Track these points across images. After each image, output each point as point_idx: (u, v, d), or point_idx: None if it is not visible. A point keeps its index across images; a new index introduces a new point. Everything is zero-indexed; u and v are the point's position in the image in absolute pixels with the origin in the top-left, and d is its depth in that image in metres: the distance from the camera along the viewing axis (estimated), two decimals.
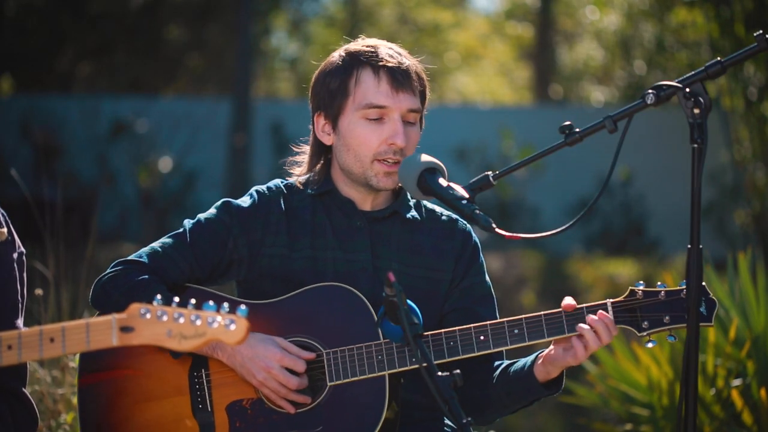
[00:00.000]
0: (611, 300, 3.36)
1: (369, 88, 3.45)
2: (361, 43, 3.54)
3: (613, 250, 17.13)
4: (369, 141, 3.45)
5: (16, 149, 16.44)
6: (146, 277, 3.42)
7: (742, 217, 13.66)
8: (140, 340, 2.67)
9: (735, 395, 5.16)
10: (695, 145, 3.12)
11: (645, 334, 3.33)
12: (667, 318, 3.32)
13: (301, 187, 3.58)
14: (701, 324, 3.28)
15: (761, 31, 3.18)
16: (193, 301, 2.68)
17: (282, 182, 3.61)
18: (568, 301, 3.35)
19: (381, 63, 3.45)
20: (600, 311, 3.31)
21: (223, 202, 3.56)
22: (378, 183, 3.47)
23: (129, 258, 3.50)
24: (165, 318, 2.66)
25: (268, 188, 3.59)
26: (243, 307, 2.65)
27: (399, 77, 3.44)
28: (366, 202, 3.56)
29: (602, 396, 5.62)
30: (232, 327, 2.63)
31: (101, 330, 2.69)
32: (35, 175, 15.41)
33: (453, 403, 2.97)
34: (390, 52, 3.49)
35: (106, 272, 3.48)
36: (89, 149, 17.09)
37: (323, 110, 3.53)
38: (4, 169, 15.66)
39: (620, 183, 17.34)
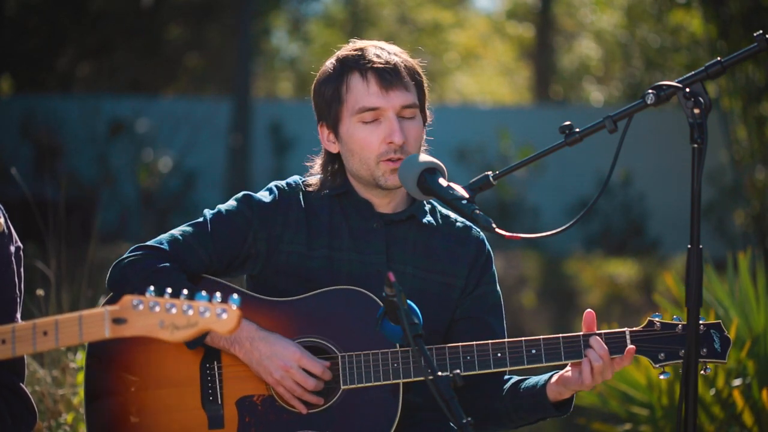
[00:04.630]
0: (629, 329, 3.36)
1: (359, 92, 3.44)
2: (350, 48, 3.52)
3: (613, 250, 17.13)
4: (369, 144, 3.44)
5: (16, 149, 16.44)
6: (167, 264, 3.40)
7: (741, 217, 13.66)
8: (133, 332, 2.66)
9: (736, 395, 5.16)
10: (695, 145, 3.11)
11: (660, 365, 3.35)
12: (682, 352, 3.32)
13: (319, 185, 3.57)
14: (714, 360, 3.32)
15: (761, 31, 3.18)
16: (185, 291, 2.68)
17: (301, 179, 3.60)
18: (589, 312, 3.37)
19: (368, 65, 3.44)
20: (595, 338, 3.32)
21: (244, 195, 3.54)
22: (386, 182, 3.46)
23: (149, 243, 3.47)
24: (157, 309, 2.65)
25: (288, 184, 3.57)
26: (235, 296, 2.65)
27: (387, 76, 3.43)
28: (383, 205, 3.55)
29: (601, 395, 5.62)
30: (224, 316, 2.63)
31: (94, 322, 2.69)
32: (35, 175, 15.42)
33: (453, 403, 2.97)
34: (377, 51, 3.48)
35: (126, 256, 3.45)
36: (89, 149, 17.08)
37: (324, 120, 3.53)
38: (4, 169, 15.65)
39: (620, 183, 17.34)
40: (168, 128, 16.69)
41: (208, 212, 3.53)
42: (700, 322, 3.29)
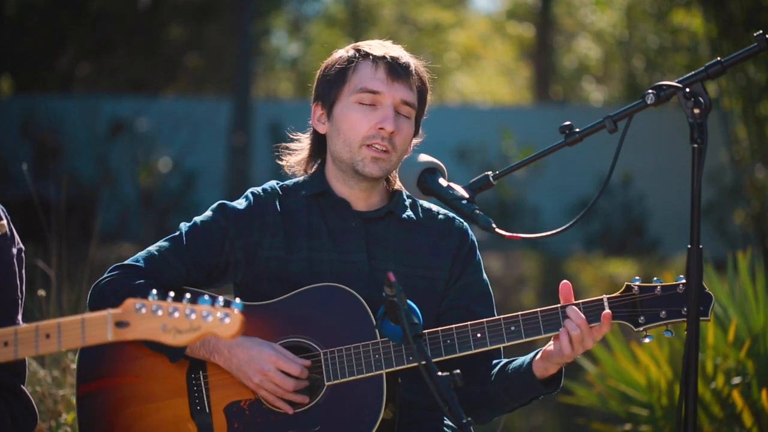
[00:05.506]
0: (607, 296, 3.35)
1: (366, 74, 3.48)
2: (369, 41, 3.59)
3: (613, 250, 17.15)
4: (359, 125, 3.46)
5: (16, 149, 16.45)
6: (143, 281, 3.42)
7: (741, 217, 13.67)
8: (135, 335, 2.66)
9: (735, 395, 5.17)
10: (695, 145, 3.12)
11: (642, 329, 3.33)
12: (663, 313, 3.31)
13: (295, 187, 3.59)
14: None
15: (761, 31, 3.18)
16: (188, 295, 2.68)
17: (277, 184, 3.62)
18: (565, 283, 3.36)
19: (382, 55, 3.49)
20: (571, 308, 3.31)
21: (219, 204, 3.56)
22: (364, 168, 3.47)
23: (126, 262, 3.50)
24: (160, 312, 2.65)
25: (263, 190, 3.59)
26: (238, 301, 2.65)
27: (397, 69, 3.48)
28: (360, 201, 3.55)
29: (601, 396, 5.62)
30: (227, 320, 2.63)
31: (97, 325, 2.69)
32: (35, 175, 15.42)
33: (453, 403, 2.97)
34: (395, 48, 3.54)
35: (103, 277, 3.48)
36: (89, 149, 17.09)
37: (321, 100, 3.56)
38: (4, 169, 15.66)
39: (620, 183, 17.36)
40: (168, 128, 16.70)
41: (184, 225, 3.54)
42: (679, 282, 3.29)
